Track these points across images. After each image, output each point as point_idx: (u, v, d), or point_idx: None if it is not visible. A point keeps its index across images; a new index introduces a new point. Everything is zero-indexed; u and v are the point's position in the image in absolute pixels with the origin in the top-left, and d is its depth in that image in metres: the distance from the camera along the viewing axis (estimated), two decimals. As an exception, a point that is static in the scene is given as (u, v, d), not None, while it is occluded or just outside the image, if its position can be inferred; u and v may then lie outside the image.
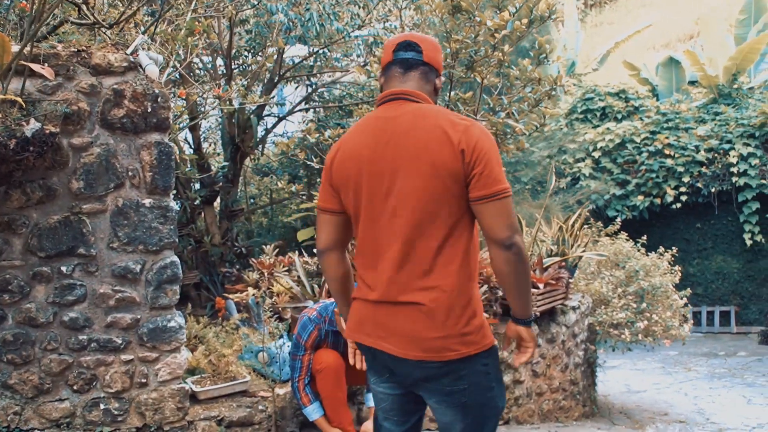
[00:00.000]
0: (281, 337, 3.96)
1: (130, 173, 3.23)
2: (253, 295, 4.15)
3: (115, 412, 3.32)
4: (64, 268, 3.20)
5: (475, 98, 5.01)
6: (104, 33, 3.62)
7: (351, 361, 2.63)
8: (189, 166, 5.88)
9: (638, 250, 6.36)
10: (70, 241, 3.19)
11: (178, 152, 6.58)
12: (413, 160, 1.92)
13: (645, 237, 6.71)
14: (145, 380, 3.35)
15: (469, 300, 1.96)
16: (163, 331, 3.32)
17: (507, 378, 4.81)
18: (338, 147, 2.09)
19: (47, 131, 2.92)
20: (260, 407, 3.65)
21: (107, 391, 3.30)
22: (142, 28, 4.37)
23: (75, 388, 3.28)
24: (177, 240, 3.31)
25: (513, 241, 1.90)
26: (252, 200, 9.87)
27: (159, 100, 3.22)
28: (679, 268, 6.31)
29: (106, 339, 3.27)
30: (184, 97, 5.72)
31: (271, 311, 4.21)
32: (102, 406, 3.30)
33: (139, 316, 3.30)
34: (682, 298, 6.07)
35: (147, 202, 3.26)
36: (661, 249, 6.56)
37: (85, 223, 3.20)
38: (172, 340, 3.35)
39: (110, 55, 3.10)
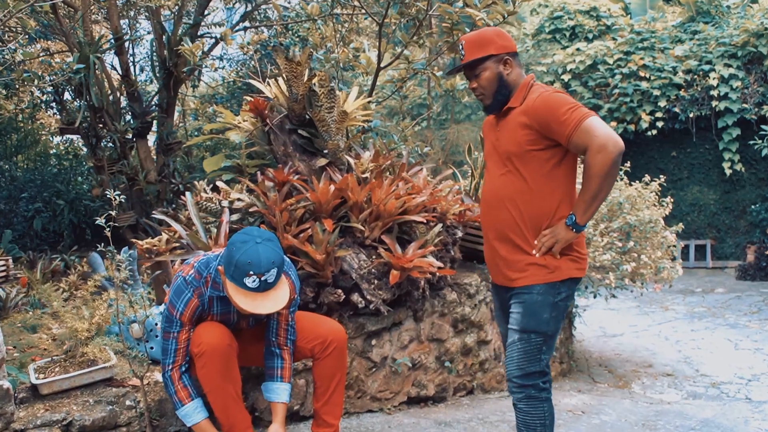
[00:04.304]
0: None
1: None
2: (133, 242, 3.06)
3: None
4: None
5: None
6: None
7: None
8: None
9: (620, 179, 5.41)
10: None
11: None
12: None
13: (629, 164, 5.75)
14: (-57, 376, 2.29)
15: None
16: (-38, 304, 2.24)
17: (471, 338, 3.87)
18: None
19: None
20: (128, 402, 2.63)
21: None
22: None
23: None
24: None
25: None
26: (196, 132, 8.96)
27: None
28: (670, 200, 5.38)
29: None
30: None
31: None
32: None
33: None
34: (672, 234, 5.16)
35: None
36: (647, 178, 5.62)
37: None
38: (-20, 317, 2.27)
39: None
